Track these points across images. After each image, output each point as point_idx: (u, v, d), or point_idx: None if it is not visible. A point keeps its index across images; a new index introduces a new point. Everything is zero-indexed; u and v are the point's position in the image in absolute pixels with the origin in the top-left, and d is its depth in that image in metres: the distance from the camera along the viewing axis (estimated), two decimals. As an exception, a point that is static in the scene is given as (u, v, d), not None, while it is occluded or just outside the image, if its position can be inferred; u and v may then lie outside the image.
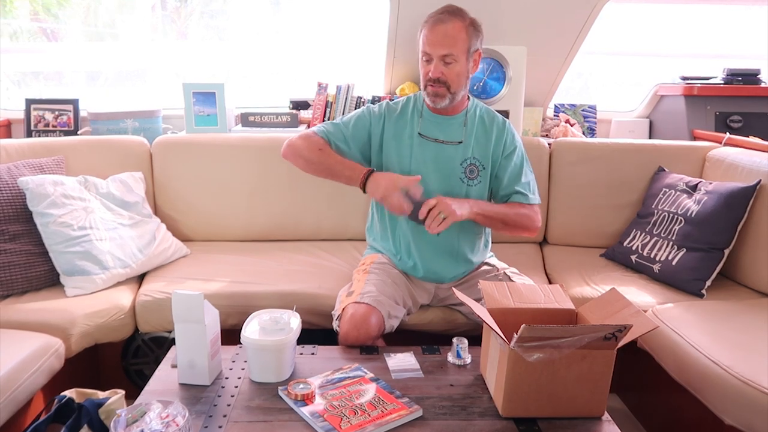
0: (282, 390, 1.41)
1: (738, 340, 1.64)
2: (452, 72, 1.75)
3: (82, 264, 1.98)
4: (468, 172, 1.86)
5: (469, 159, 1.86)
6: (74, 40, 3.36)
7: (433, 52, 1.74)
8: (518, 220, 1.86)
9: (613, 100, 3.21)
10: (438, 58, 1.73)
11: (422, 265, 1.90)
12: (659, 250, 2.15)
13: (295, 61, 3.27)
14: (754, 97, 2.80)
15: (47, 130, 2.69)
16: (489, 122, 1.90)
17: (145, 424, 1.13)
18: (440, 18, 1.73)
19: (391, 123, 1.89)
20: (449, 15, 1.73)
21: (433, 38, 1.73)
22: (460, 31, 1.73)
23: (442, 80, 1.75)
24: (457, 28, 1.72)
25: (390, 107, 1.93)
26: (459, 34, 1.73)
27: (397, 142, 1.88)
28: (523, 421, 1.32)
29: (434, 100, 1.80)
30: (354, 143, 1.90)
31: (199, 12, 3.48)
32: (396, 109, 1.92)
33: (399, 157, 1.87)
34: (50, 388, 1.71)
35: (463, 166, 1.86)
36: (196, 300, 1.41)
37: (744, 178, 2.13)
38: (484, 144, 1.88)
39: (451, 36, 1.72)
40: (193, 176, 2.45)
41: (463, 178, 1.86)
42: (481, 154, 1.87)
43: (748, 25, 3.25)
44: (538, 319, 1.47)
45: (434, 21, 1.73)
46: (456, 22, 1.73)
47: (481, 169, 1.87)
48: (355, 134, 1.90)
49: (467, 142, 1.86)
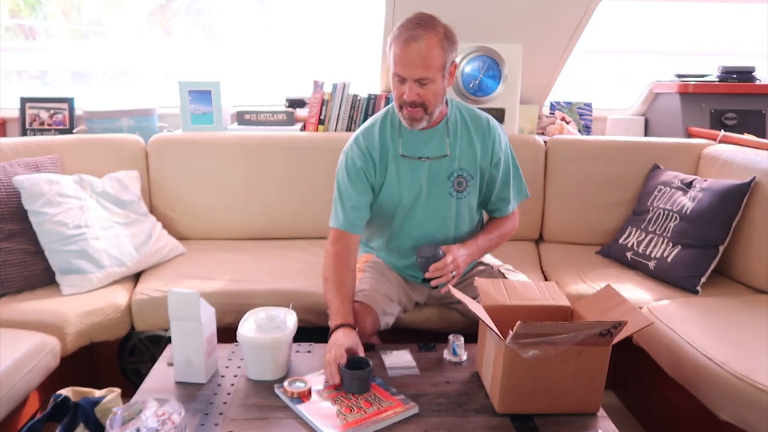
0: (278, 388, 1.41)
1: (733, 337, 1.65)
2: (428, 92, 1.61)
3: (78, 263, 1.98)
4: (456, 185, 1.76)
5: (456, 171, 1.76)
6: (58, 38, 3.33)
7: (408, 75, 1.58)
8: (505, 237, 1.89)
9: (609, 97, 3.21)
10: (413, 81, 1.59)
11: (419, 277, 1.89)
12: (654, 247, 2.16)
13: (290, 60, 3.26)
14: (748, 95, 2.81)
15: (42, 129, 2.68)
16: (473, 126, 1.78)
17: (141, 422, 1.13)
18: (412, 36, 1.55)
19: (376, 153, 1.75)
20: (422, 30, 1.56)
21: (407, 59, 1.56)
22: (433, 48, 1.56)
23: (417, 102, 1.61)
24: (431, 44, 1.56)
25: (366, 138, 1.76)
26: (433, 51, 1.56)
27: (386, 168, 1.75)
28: (519, 417, 1.33)
29: (411, 124, 1.67)
30: (365, 197, 1.75)
31: (184, 10, 3.46)
32: (373, 137, 1.76)
33: (388, 184, 1.76)
34: (46, 386, 1.70)
35: (451, 180, 1.76)
36: (192, 298, 1.41)
37: (738, 175, 2.14)
38: (469, 153, 1.76)
39: (424, 56, 1.55)
40: (189, 175, 2.45)
41: (452, 192, 1.77)
42: (468, 164, 1.77)
43: (743, 22, 3.26)
44: (534, 316, 1.47)
45: (405, 39, 1.56)
46: (429, 38, 1.55)
47: (470, 179, 1.77)
48: (360, 192, 1.74)
49: (452, 154, 1.75)
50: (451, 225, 1.80)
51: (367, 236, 1.99)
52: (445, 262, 1.63)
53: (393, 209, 1.78)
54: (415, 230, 1.80)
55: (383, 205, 1.79)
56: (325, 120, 2.65)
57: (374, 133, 1.77)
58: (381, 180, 1.76)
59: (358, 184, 1.74)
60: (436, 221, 1.79)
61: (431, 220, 1.78)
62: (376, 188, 1.78)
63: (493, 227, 1.87)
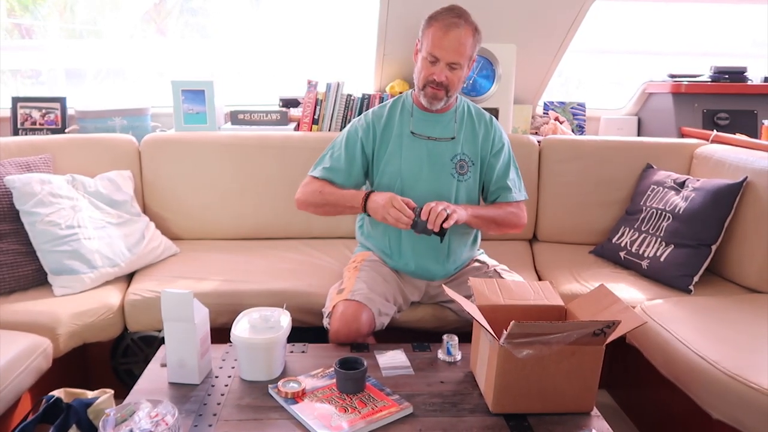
0: (272, 388, 1.40)
1: (725, 336, 1.66)
2: (455, 77, 1.76)
3: (70, 263, 1.97)
4: (458, 168, 1.87)
5: (459, 155, 1.87)
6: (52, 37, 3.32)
7: (443, 57, 1.72)
8: (508, 219, 1.90)
9: (602, 97, 3.23)
10: (445, 63, 1.73)
11: (413, 263, 1.90)
12: (647, 247, 2.17)
13: (284, 59, 3.26)
14: (740, 95, 2.83)
15: (34, 129, 2.66)
16: (477, 119, 1.92)
17: (134, 424, 1.13)
18: (454, 22, 1.70)
19: (380, 128, 1.89)
20: (462, 19, 1.72)
21: (447, 43, 1.71)
22: (468, 38, 1.73)
23: (444, 84, 1.75)
24: (468, 34, 1.72)
25: (376, 114, 1.92)
26: (468, 41, 1.73)
27: (389, 143, 1.87)
28: (513, 417, 1.33)
29: (431, 102, 1.80)
30: (353, 167, 1.88)
31: (178, 9, 3.45)
32: (382, 114, 1.91)
33: (391, 157, 1.87)
34: (38, 388, 1.69)
35: (454, 162, 1.86)
36: (186, 298, 1.40)
37: (731, 174, 2.15)
38: (472, 140, 1.89)
39: (462, 43, 1.71)
40: (183, 174, 2.44)
41: (453, 173, 1.86)
42: (470, 150, 1.88)
43: (735, 23, 3.28)
44: (528, 316, 1.47)
45: (448, 24, 1.71)
46: (467, 28, 1.72)
47: (471, 165, 1.88)
48: (349, 157, 1.88)
49: (458, 138, 1.87)
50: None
51: (366, 235, 1.99)
52: (429, 204, 1.68)
53: (393, 183, 1.86)
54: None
55: (385, 179, 1.88)
56: (318, 120, 2.65)
57: (384, 112, 1.92)
58: (382, 153, 1.89)
59: (351, 150, 1.89)
60: (435, 198, 1.79)
61: (432, 199, 1.78)
62: (375, 162, 1.89)
63: (492, 204, 1.94)
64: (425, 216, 1.66)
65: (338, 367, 1.40)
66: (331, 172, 1.88)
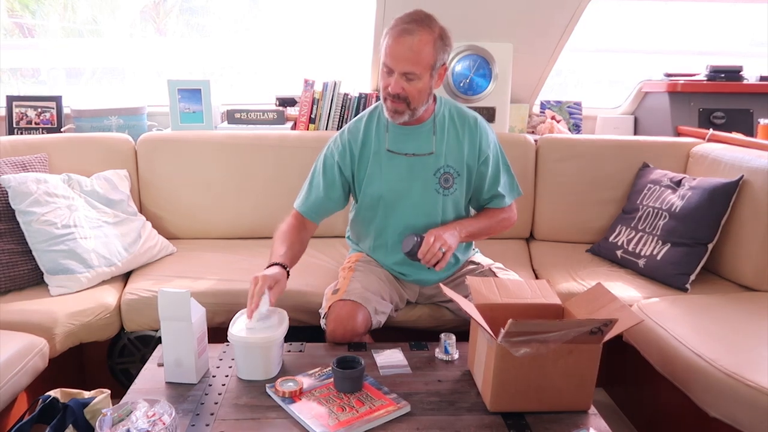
0: (270, 387, 1.40)
1: (722, 334, 1.66)
2: (413, 89, 1.62)
3: (66, 263, 1.96)
4: (443, 182, 1.77)
5: (442, 168, 1.77)
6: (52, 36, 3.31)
7: (396, 67, 1.60)
8: (500, 226, 1.89)
9: (599, 96, 3.23)
10: (400, 74, 1.60)
11: (408, 273, 1.89)
12: (644, 246, 2.17)
13: (281, 58, 3.25)
14: (736, 94, 2.83)
15: (30, 128, 2.65)
16: (460, 124, 1.79)
17: (131, 423, 1.12)
18: (407, 29, 1.57)
19: (357, 148, 1.79)
20: (417, 25, 1.57)
21: (397, 51, 1.58)
22: (425, 45, 1.57)
23: (402, 96, 1.63)
24: (424, 41, 1.57)
25: (351, 132, 1.81)
26: (424, 48, 1.57)
27: (368, 163, 1.78)
28: (511, 415, 1.33)
29: (393, 116, 1.68)
30: (333, 192, 1.81)
31: (178, 9, 3.45)
32: (358, 131, 1.80)
33: (371, 178, 1.79)
34: (34, 388, 1.69)
35: (437, 176, 1.77)
36: (183, 298, 1.40)
37: (727, 173, 2.16)
38: (457, 150, 1.78)
39: (415, 51, 1.57)
40: (179, 174, 2.44)
41: (438, 188, 1.78)
42: (455, 161, 1.78)
43: (731, 22, 3.29)
44: (525, 315, 1.47)
45: (399, 32, 1.57)
46: (423, 35, 1.57)
47: (456, 176, 1.79)
48: (328, 183, 1.80)
49: (439, 151, 1.76)
50: (437, 221, 1.81)
51: (357, 235, 1.99)
52: (428, 242, 1.65)
53: (376, 203, 1.81)
54: (401, 226, 1.81)
55: (367, 199, 1.82)
56: (315, 119, 2.64)
57: (360, 128, 1.81)
58: (362, 175, 1.80)
59: (329, 176, 1.81)
60: (421, 217, 1.79)
61: (417, 216, 1.79)
62: (356, 182, 1.82)
63: (483, 212, 1.90)
64: (422, 254, 1.65)
65: (336, 366, 1.40)
66: (311, 209, 1.82)
